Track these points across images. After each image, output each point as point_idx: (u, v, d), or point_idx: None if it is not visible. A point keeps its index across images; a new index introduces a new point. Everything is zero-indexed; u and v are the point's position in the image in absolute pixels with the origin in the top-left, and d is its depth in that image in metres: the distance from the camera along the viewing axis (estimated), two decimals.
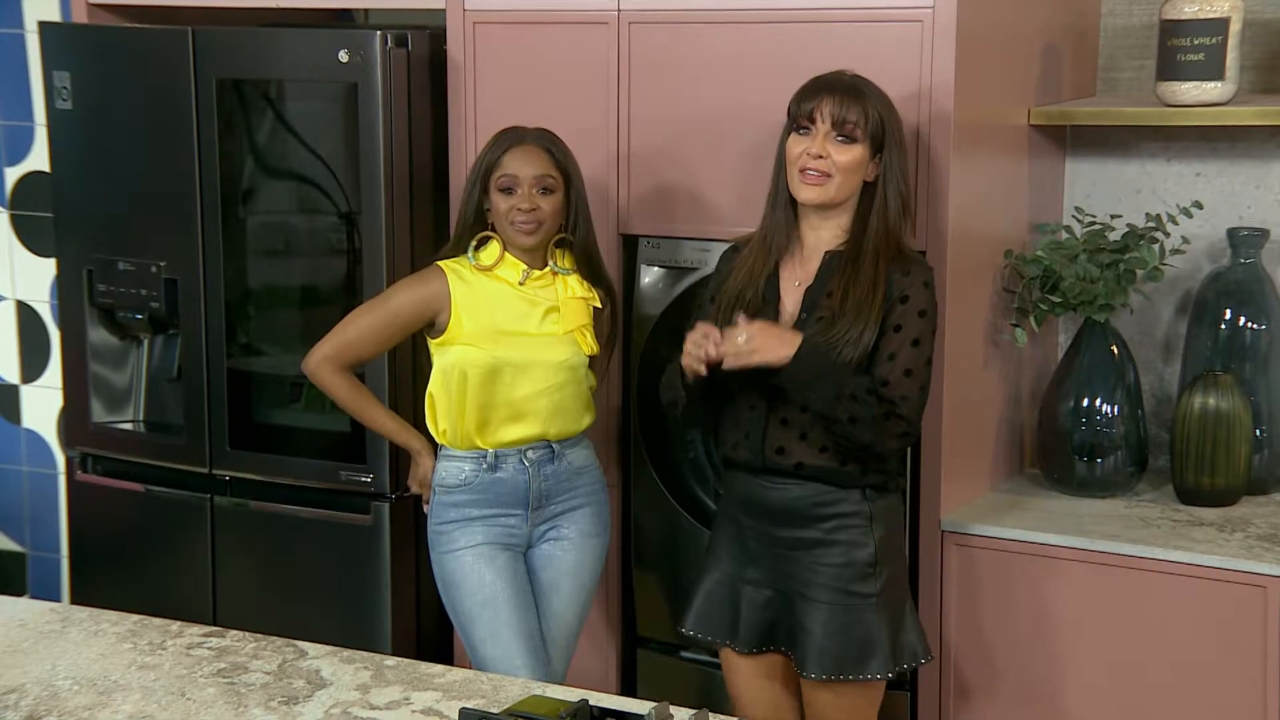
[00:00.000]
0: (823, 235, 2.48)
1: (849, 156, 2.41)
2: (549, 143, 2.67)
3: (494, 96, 3.02)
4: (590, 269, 2.72)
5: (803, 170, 2.42)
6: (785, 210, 2.48)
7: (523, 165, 2.63)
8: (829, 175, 2.41)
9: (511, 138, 2.67)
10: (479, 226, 2.68)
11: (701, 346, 2.37)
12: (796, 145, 2.43)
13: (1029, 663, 2.77)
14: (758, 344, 2.36)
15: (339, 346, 2.72)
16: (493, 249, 2.68)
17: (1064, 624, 2.73)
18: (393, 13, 3.48)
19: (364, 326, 2.71)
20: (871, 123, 2.41)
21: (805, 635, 2.47)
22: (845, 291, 2.41)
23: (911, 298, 2.41)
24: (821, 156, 2.40)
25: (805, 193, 2.43)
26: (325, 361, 2.73)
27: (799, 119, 2.43)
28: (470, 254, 2.68)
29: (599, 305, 2.73)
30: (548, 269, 2.69)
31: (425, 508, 2.78)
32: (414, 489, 2.82)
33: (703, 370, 2.38)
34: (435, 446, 2.76)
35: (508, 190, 2.63)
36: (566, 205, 2.67)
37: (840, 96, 2.40)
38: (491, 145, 2.68)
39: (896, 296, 2.40)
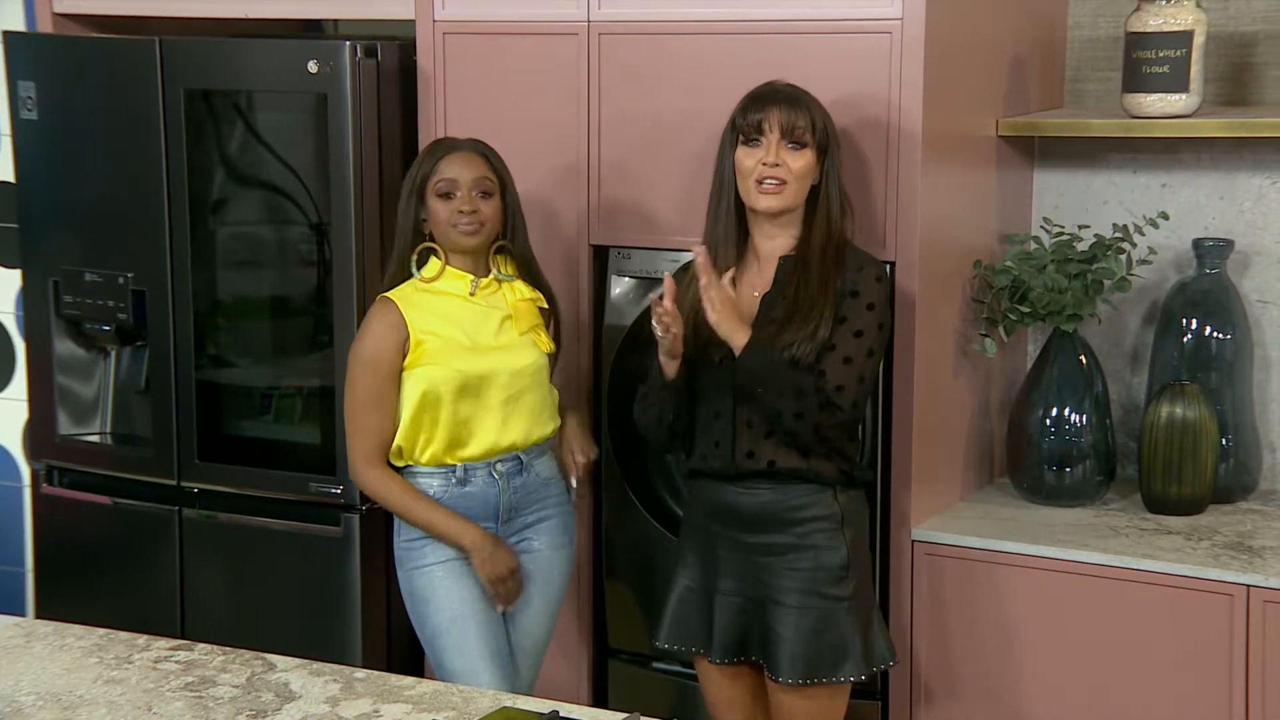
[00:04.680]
0: (778, 243, 2.52)
1: (802, 162, 2.46)
2: (483, 149, 2.68)
3: (464, 107, 3.02)
4: (531, 275, 2.72)
5: (760, 180, 2.45)
6: (733, 221, 2.52)
7: (460, 169, 2.63)
8: (785, 182, 2.45)
9: (445, 146, 2.68)
10: (418, 239, 2.67)
11: (661, 308, 2.39)
12: (749, 157, 2.47)
13: (999, 671, 2.78)
14: (726, 311, 2.40)
15: (366, 439, 2.62)
16: (433, 264, 2.66)
17: (1033, 633, 2.74)
18: (362, 23, 3.47)
19: (368, 402, 2.62)
20: (817, 128, 2.47)
21: (778, 640, 2.47)
22: (797, 291, 2.45)
23: (861, 292, 2.45)
24: (777, 165, 2.44)
25: (764, 201, 2.47)
26: (365, 462, 2.63)
27: (746, 131, 2.47)
28: (415, 270, 2.66)
29: (545, 306, 2.73)
30: (492, 276, 2.69)
31: (501, 608, 2.66)
32: (491, 588, 2.63)
33: (677, 345, 2.40)
34: (484, 534, 2.63)
35: (447, 195, 2.62)
36: (504, 211, 2.68)
37: (787, 105, 2.47)
38: (425, 156, 2.68)
39: (848, 291, 2.45)
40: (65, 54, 3.31)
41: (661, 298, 2.41)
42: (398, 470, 2.67)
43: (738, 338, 2.41)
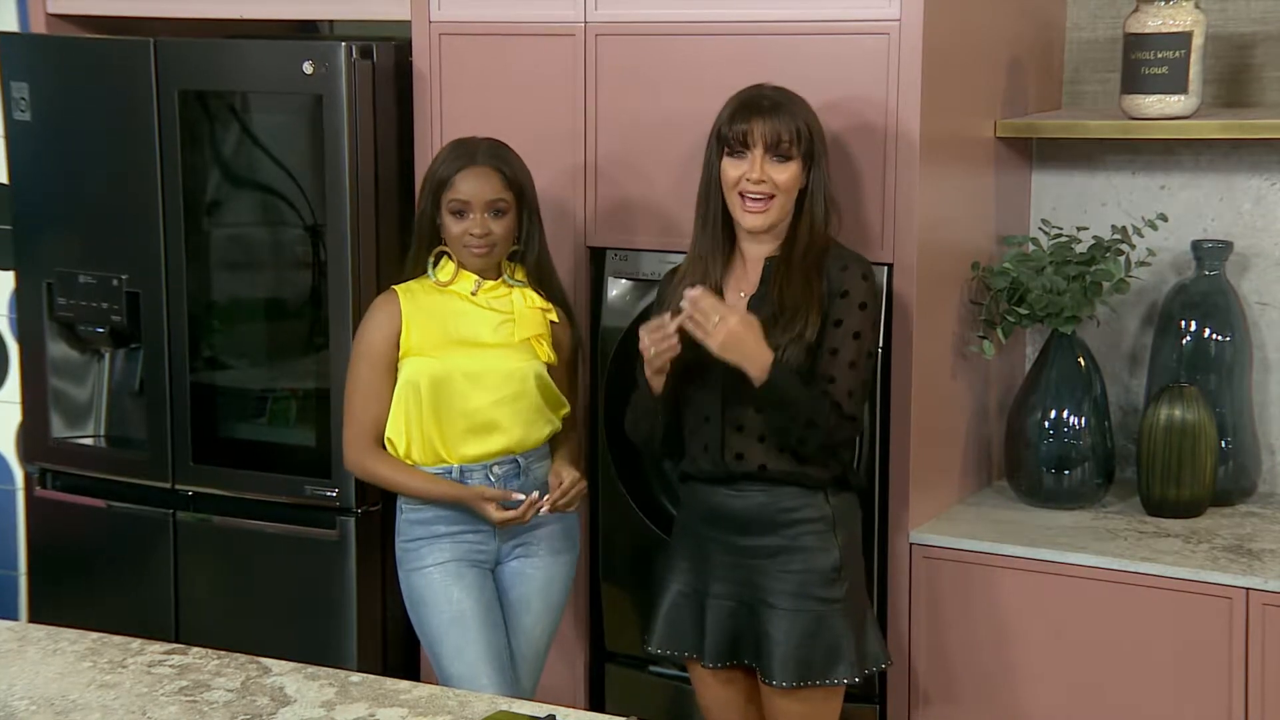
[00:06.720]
0: (764, 248, 2.51)
1: (787, 175, 2.44)
2: (500, 161, 2.65)
3: (460, 108, 3.01)
4: (543, 284, 2.70)
5: (744, 195, 2.44)
6: (720, 230, 2.50)
7: (474, 189, 2.61)
8: (771, 196, 2.44)
9: (463, 156, 2.64)
10: (435, 240, 2.67)
11: (661, 331, 2.38)
12: (733, 169, 2.45)
13: (997, 675, 2.77)
14: (734, 331, 2.34)
15: (359, 426, 2.66)
16: (448, 266, 2.67)
17: (1032, 636, 2.74)
18: (358, 24, 3.46)
19: (362, 390, 2.65)
20: (803, 138, 2.44)
21: (771, 643, 2.47)
22: (781, 294, 2.44)
23: (851, 291, 2.44)
24: (762, 180, 2.42)
25: (751, 220, 2.45)
26: (357, 446, 2.66)
27: (731, 142, 2.44)
28: (431, 271, 2.66)
29: (555, 319, 2.71)
30: (500, 280, 2.68)
31: (532, 512, 2.63)
32: (503, 515, 2.62)
33: (666, 363, 2.39)
34: (463, 490, 2.64)
35: (459, 214, 2.62)
36: (519, 222, 2.66)
37: (772, 116, 2.43)
38: (443, 161, 2.66)
39: (836, 291, 2.44)
40: (59, 55, 3.30)
41: (652, 323, 2.39)
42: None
43: (755, 367, 2.36)
